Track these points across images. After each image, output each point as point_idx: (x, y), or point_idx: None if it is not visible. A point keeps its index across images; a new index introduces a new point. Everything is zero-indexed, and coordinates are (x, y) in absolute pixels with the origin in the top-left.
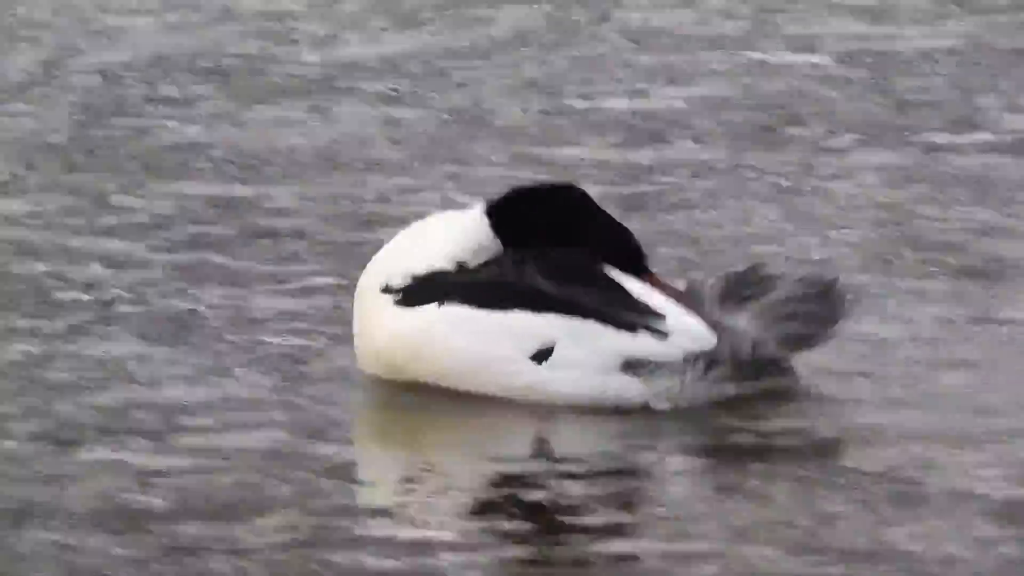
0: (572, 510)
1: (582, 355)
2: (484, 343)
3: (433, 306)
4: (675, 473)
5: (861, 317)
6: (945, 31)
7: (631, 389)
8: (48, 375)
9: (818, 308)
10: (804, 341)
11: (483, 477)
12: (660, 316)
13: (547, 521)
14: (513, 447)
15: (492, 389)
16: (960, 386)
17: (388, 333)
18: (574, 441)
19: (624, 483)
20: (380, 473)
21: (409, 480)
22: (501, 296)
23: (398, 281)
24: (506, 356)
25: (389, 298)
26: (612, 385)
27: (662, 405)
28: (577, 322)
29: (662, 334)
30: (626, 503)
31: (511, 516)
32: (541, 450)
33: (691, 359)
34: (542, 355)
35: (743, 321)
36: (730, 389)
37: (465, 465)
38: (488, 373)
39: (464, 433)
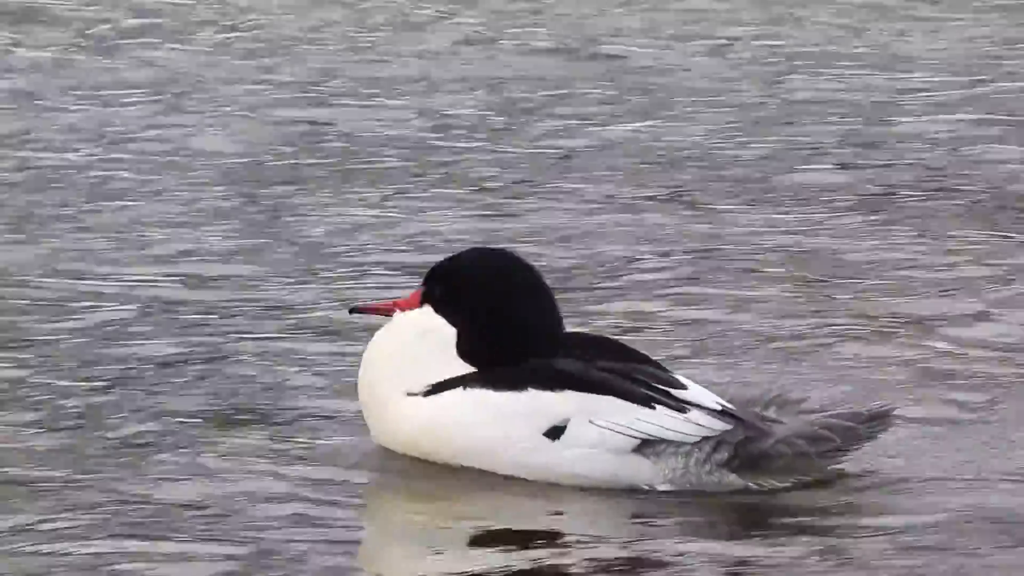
0: None
1: (596, 433)
2: (498, 422)
3: (458, 391)
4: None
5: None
6: None
7: (643, 471)
8: None
9: (858, 428)
10: (827, 447)
11: (487, 554)
12: (682, 387)
13: None
14: (522, 525)
15: (508, 468)
16: None
17: (410, 423)
18: (584, 519)
19: (630, 563)
20: (385, 548)
21: (415, 556)
22: (518, 377)
23: (418, 388)
24: (519, 435)
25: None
26: (625, 467)
27: (665, 487)
28: (593, 398)
29: (681, 407)
30: None
31: None
32: (551, 529)
33: (701, 440)
34: (555, 432)
35: (783, 423)
36: (732, 477)
37: (472, 541)
38: (502, 452)
39: (474, 510)
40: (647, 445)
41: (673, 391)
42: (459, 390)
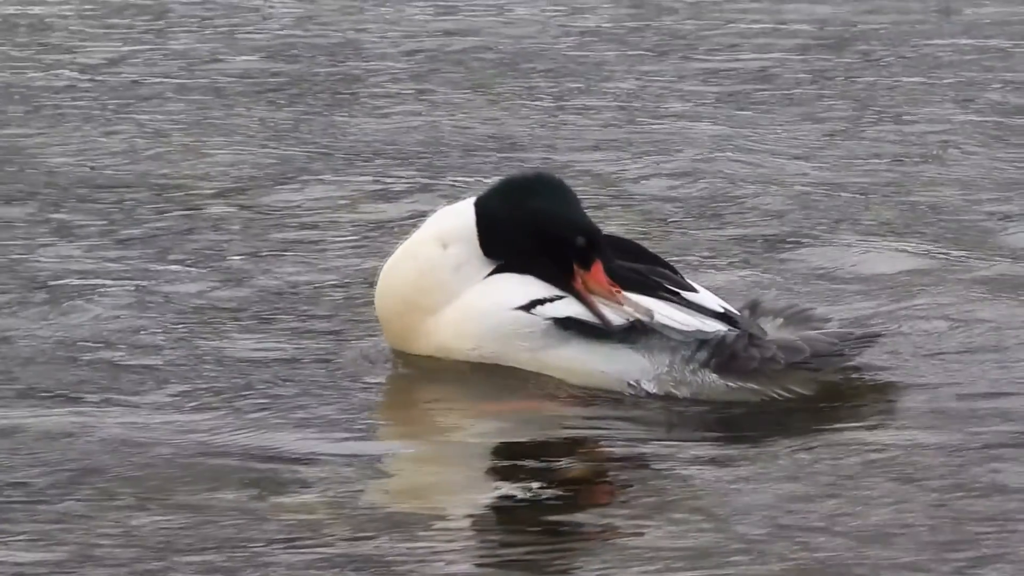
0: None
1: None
2: (499, 300)
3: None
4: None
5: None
6: None
7: (631, 365)
8: None
9: (837, 344)
10: (798, 358)
11: (493, 464)
12: (693, 290)
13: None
14: (532, 434)
15: (510, 359)
16: None
17: (435, 336)
18: (591, 428)
19: (638, 475)
20: (397, 457)
21: (422, 463)
22: (524, 270)
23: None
24: (516, 316)
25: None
26: (614, 358)
27: (651, 386)
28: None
29: (685, 303)
30: (640, 497)
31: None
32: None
33: (690, 332)
34: (537, 303)
35: (769, 330)
36: (713, 377)
37: (476, 450)
38: (502, 335)
39: (479, 418)
40: (637, 336)
41: (683, 293)
42: (474, 288)
